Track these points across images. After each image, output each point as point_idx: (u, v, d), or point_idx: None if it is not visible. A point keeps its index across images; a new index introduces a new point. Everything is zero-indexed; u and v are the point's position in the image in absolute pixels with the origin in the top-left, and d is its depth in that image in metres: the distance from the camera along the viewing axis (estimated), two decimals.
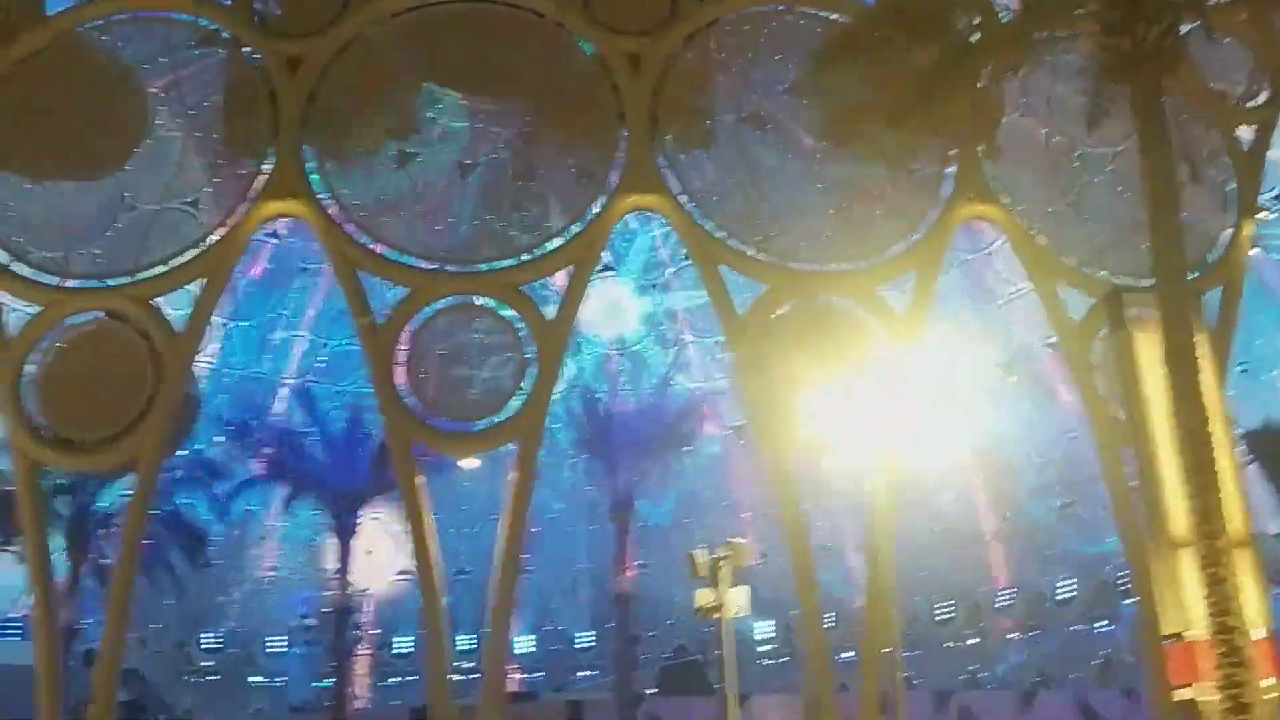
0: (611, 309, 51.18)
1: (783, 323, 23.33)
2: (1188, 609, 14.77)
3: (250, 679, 53.24)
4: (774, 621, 46.55)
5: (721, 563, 14.04)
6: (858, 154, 24.15)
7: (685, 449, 43.10)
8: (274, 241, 49.45)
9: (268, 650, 53.39)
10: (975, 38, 18.76)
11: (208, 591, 50.42)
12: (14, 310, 23.82)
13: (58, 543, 29.11)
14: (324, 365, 44.07)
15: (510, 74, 25.24)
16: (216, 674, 52.57)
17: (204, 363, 46.61)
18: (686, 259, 51.97)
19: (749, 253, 24.11)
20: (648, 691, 41.20)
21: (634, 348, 50.77)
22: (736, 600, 14.16)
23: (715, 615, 13.80)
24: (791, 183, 25.12)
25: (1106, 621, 43.10)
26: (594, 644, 52.36)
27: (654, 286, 51.39)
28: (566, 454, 41.32)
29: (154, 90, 26.07)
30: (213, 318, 48.61)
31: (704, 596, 14.36)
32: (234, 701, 51.99)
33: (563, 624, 53.47)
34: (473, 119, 26.20)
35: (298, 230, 48.66)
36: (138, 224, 24.43)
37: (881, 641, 23.06)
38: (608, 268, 48.51)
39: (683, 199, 24.28)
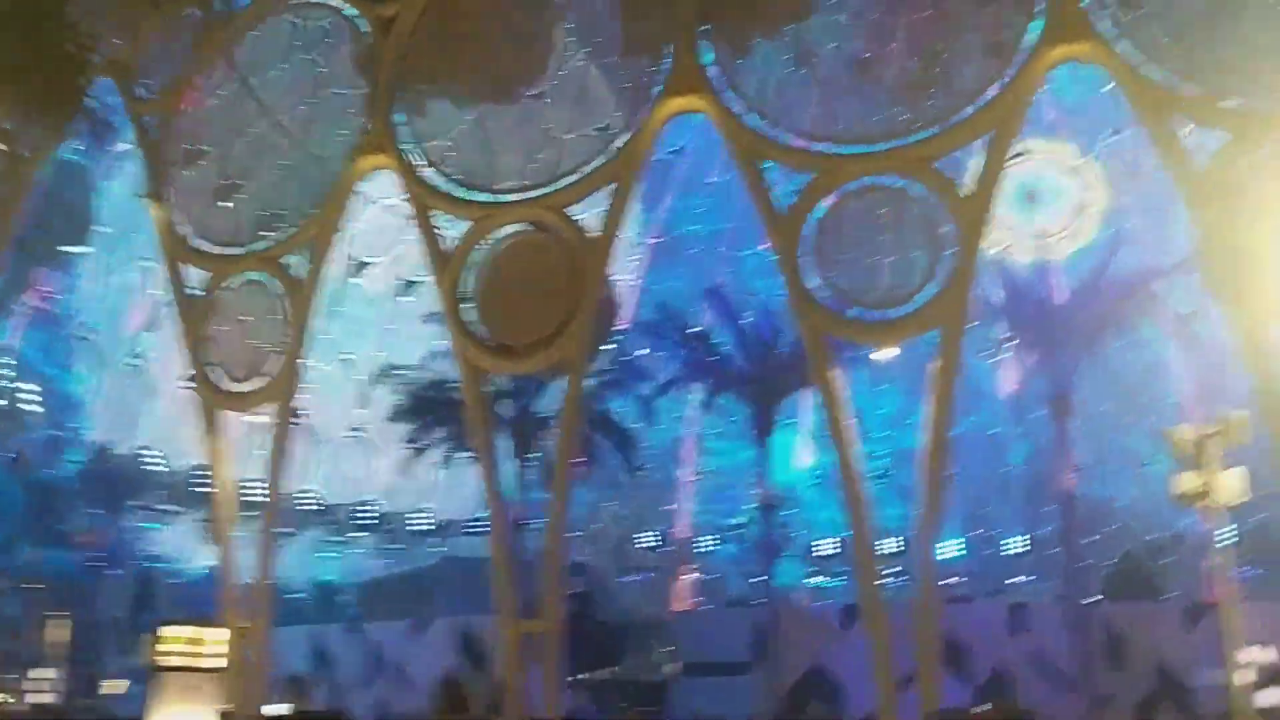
0: (1032, 193, 47.37)
1: (1255, 176, 19.77)
2: None
3: (684, 576, 55.80)
4: (1236, 527, 41.53)
5: (1209, 440, 11.45)
6: None
7: (1126, 338, 39.06)
8: (681, 159, 50.54)
9: (698, 549, 55.65)
10: None
11: (642, 491, 53.21)
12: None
13: (505, 445, 31.29)
14: (734, 270, 44.34)
15: None
16: (654, 570, 55.59)
17: (628, 280, 48.80)
18: (1114, 133, 47.04)
19: (1205, 98, 20.60)
20: (1093, 599, 38.29)
21: (1059, 234, 46.73)
22: (1230, 484, 11.53)
23: (1202, 503, 11.36)
24: (1251, 16, 21.18)
25: None
26: (1028, 548, 49.55)
27: (1074, 169, 46.96)
28: (990, 345, 38.77)
29: (557, 6, 26.85)
30: (631, 237, 51.61)
31: (1188, 480, 11.83)
32: (670, 597, 54.80)
33: (994, 527, 51.10)
34: (868, 9, 24.49)
35: (694, 150, 49.70)
36: (554, 143, 25.23)
37: None
38: (1017, 154, 44.66)
39: (1121, 46, 21.16)
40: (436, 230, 26.49)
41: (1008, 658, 30.70)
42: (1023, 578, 49.43)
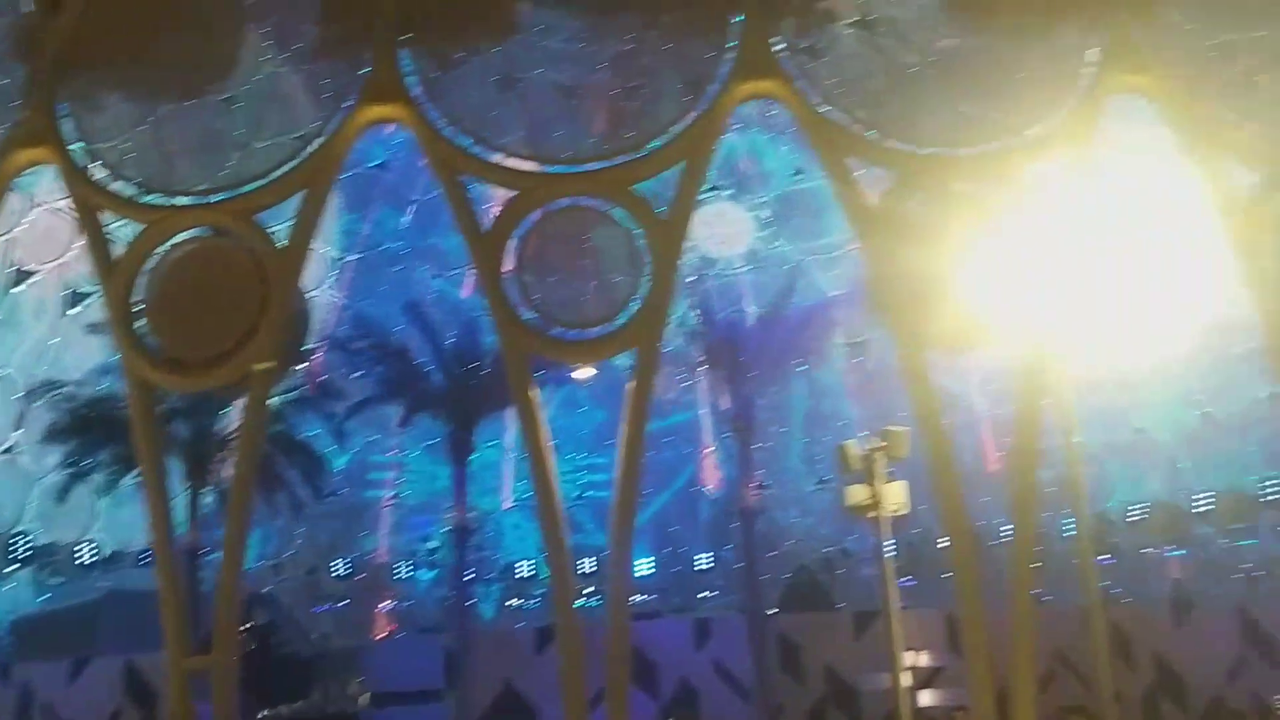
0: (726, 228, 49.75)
1: (916, 214, 21.54)
2: None
3: (379, 604, 54.24)
4: (895, 540, 45.06)
5: (875, 454, 12.05)
6: (990, 30, 22.45)
7: (806, 364, 41.58)
8: (384, 174, 49.35)
9: (395, 576, 54.18)
10: None
11: (334, 517, 51.23)
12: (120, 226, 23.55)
13: (180, 468, 29.25)
14: (439, 288, 43.60)
15: None
16: (347, 599, 53.62)
17: (327, 296, 46.91)
18: (796, 174, 50.34)
19: (876, 139, 22.28)
20: (770, 611, 40.33)
21: (746, 267, 49.21)
22: (894, 496, 12.20)
23: (870, 514, 11.90)
24: (917, 61, 23.20)
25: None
26: (713, 565, 51.60)
27: (763, 203, 49.76)
28: (683, 370, 40.12)
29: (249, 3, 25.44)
30: (332, 253, 49.75)
31: (857, 493, 12.37)
32: (365, 626, 53.04)
33: (681, 545, 52.88)
34: (574, 39, 24.76)
35: (401, 165, 48.76)
36: (241, 146, 23.83)
37: (1026, 557, 21.80)
38: (714, 187, 46.98)
39: (801, 84, 22.51)
40: (106, 234, 24.32)
41: (693, 671, 31.70)
42: (709, 593, 51.50)
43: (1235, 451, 41.67)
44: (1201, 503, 42.51)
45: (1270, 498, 41.78)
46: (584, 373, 26.34)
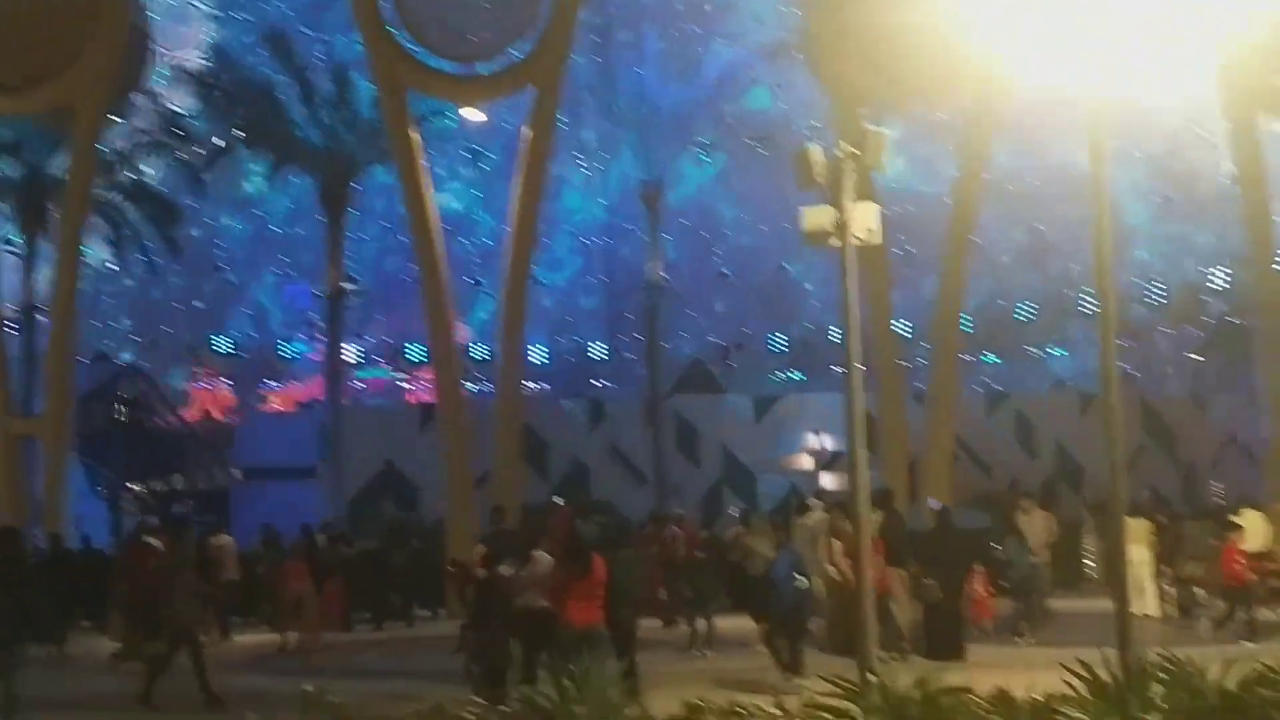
0: None
1: None
2: None
3: (261, 379, 51.16)
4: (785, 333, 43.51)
5: (846, 163, 9.22)
6: None
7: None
8: None
9: (279, 351, 50.90)
10: None
11: (207, 282, 47.23)
12: None
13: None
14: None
15: None
16: (226, 376, 50.33)
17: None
18: None
19: None
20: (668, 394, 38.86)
21: None
22: (864, 218, 9.47)
23: (831, 241, 9.33)
24: None
25: None
26: (610, 355, 49.64)
27: None
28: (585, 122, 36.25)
29: None
30: None
31: (816, 216, 9.44)
32: (243, 402, 50.18)
33: (576, 333, 50.49)
34: None
35: None
36: None
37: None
38: None
39: None
40: None
41: (586, 452, 30.54)
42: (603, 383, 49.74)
43: None
44: None
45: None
46: (473, 114, 23.36)
